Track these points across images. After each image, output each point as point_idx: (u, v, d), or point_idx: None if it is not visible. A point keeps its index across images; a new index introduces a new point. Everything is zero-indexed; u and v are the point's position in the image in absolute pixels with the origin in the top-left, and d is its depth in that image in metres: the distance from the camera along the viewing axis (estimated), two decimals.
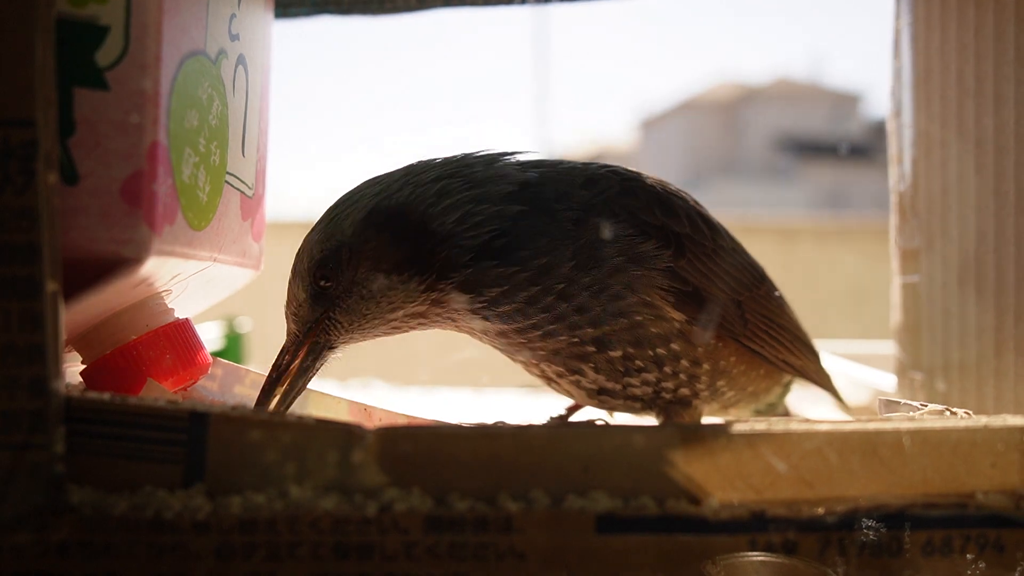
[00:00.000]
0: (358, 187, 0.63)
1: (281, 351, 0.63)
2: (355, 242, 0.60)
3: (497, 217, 0.60)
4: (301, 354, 0.62)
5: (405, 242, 0.60)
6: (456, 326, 0.64)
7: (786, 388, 0.76)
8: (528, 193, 0.61)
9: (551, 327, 0.61)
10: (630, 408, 0.67)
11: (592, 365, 0.63)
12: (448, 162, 0.63)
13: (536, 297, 0.60)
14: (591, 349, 0.62)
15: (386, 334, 0.64)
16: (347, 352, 0.64)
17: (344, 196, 0.62)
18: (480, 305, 0.60)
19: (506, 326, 0.61)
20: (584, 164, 0.65)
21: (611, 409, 0.68)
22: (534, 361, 0.64)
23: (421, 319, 0.63)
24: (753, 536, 0.46)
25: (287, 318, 0.63)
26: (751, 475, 0.47)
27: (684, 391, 0.64)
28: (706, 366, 0.64)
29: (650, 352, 0.62)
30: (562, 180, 0.62)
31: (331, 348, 0.63)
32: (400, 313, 0.61)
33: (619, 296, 0.60)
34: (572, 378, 0.64)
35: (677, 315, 0.62)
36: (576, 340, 0.62)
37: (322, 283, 0.60)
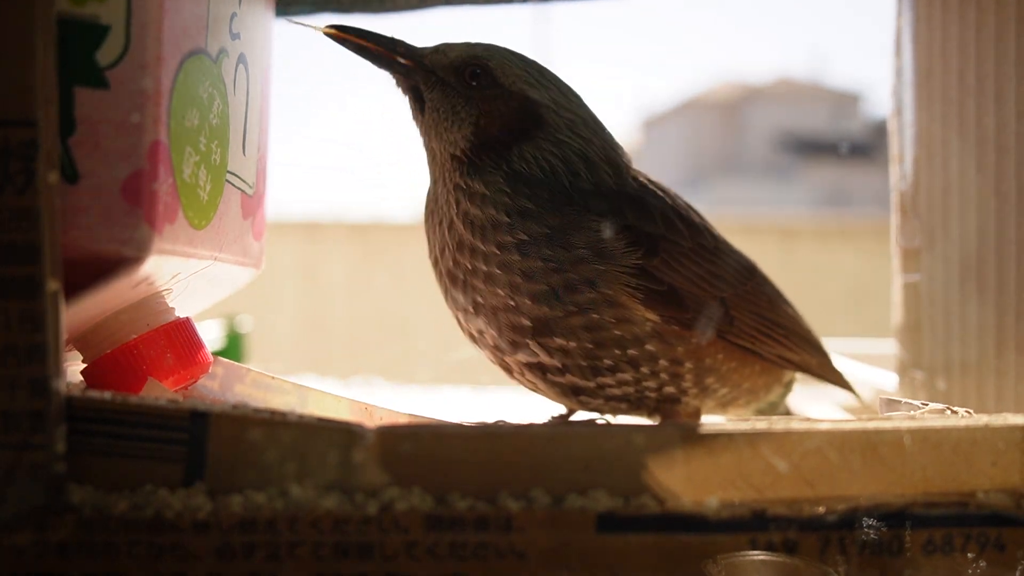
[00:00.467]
0: (556, 78, 0.67)
1: (406, 48, 0.66)
2: (503, 96, 0.64)
3: (560, 169, 0.64)
4: (410, 69, 0.66)
5: (510, 129, 0.64)
6: (438, 199, 0.67)
7: (788, 387, 0.76)
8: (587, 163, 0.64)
9: (496, 271, 0.62)
10: (616, 410, 0.66)
11: (537, 345, 0.62)
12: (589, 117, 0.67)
13: (499, 225, 0.62)
14: (526, 323, 0.62)
15: (421, 137, 0.68)
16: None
17: (545, 69, 0.67)
18: (462, 185, 0.64)
19: (465, 234, 0.63)
20: (628, 164, 0.68)
21: (596, 410, 0.68)
22: (472, 312, 0.65)
23: (433, 159, 0.67)
24: (754, 535, 0.46)
25: (431, 47, 0.66)
26: (752, 474, 0.47)
27: (669, 390, 0.64)
28: (688, 364, 0.64)
29: (618, 351, 0.62)
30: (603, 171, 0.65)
31: (414, 85, 0.66)
32: (445, 140, 0.65)
33: (575, 288, 0.61)
34: (521, 358, 0.64)
35: (650, 315, 0.62)
36: (513, 305, 0.62)
37: (467, 72, 0.64)
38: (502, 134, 0.64)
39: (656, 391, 0.64)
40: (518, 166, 0.63)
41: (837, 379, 0.75)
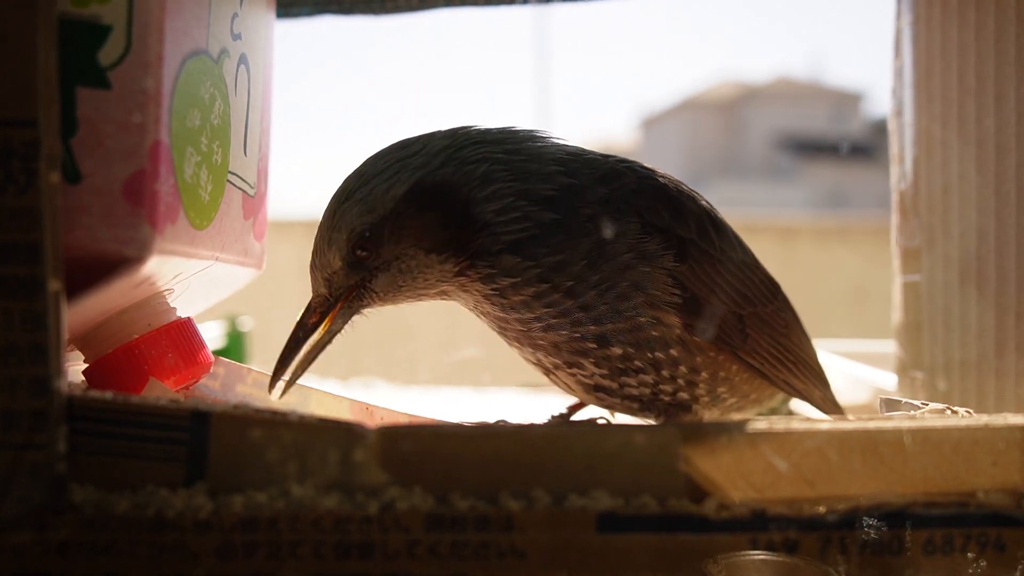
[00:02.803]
0: (390, 152, 0.62)
1: (307, 310, 0.62)
2: (397, 217, 0.59)
3: (534, 219, 0.60)
4: (331, 316, 0.62)
5: (446, 223, 0.60)
6: (471, 304, 0.64)
7: (786, 399, 0.76)
8: (563, 195, 0.61)
9: (554, 321, 0.61)
10: (627, 408, 0.66)
11: (592, 360, 0.62)
12: (488, 139, 0.62)
13: (543, 293, 0.60)
14: (592, 345, 0.62)
15: (411, 302, 0.64)
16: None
17: (377, 163, 0.61)
18: (492, 292, 0.61)
19: (510, 315, 0.61)
20: (604, 157, 0.65)
21: (609, 407, 0.68)
22: (531, 350, 0.64)
23: (445, 295, 0.63)
24: (754, 535, 0.46)
25: (315, 280, 0.62)
26: (752, 474, 0.47)
27: (683, 395, 0.64)
28: (704, 374, 0.63)
29: (648, 354, 0.62)
30: (584, 174, 0.62)
31: (359, 312, 0.63)
32: (432, 289, 0.62)
33: (625, 296, 0.60)
34: (570, 371, 0.64)
35: (675, 320, 0.61)
36: (577, 336, 0.62)
37: (359, 253, 0.60)
38: (452, 235, 0.60)
39: (671, 395, 0.64)
40: (507, 237, 0.60)
41: (831, 412, 0.73)
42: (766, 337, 0.66)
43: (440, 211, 0.60)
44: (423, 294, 0.62)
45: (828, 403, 0.73)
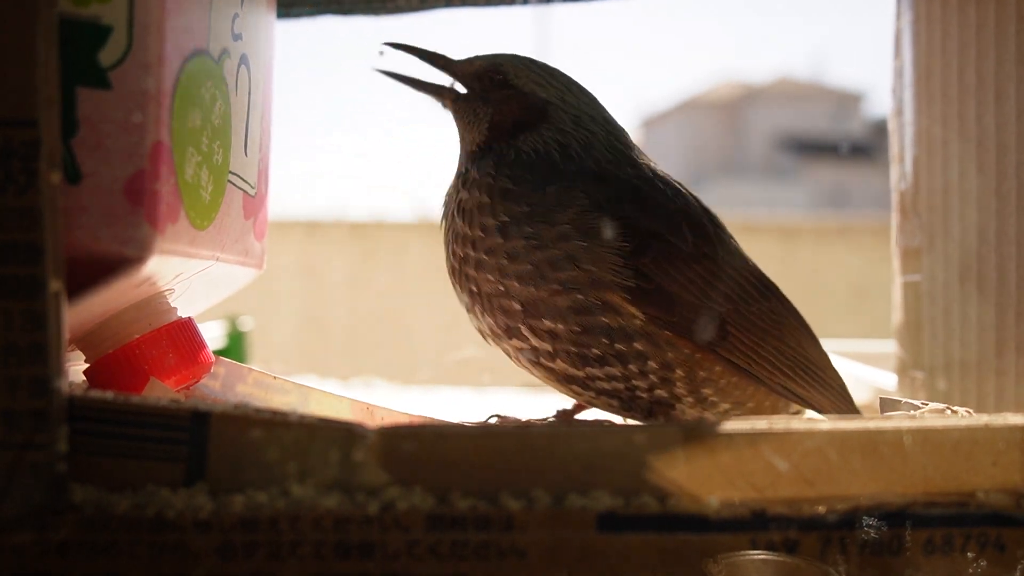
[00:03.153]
0: (568, 79, 0.71)
1: (444, 61, 0.72)
2: (517, 99, 0.69)
3: (544, 150, 0.67)
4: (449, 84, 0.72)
5: (517, 125, 0.68)
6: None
7: (798, 413, 0.75)
8: (577, 156, 0.67)
9: (483, 256, 0.64)
10: (609, 406, 0.66)
11: (528, 329, 0.63)
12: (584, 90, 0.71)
13: (483, 208, 0.64)
14: (516, 307, 0.63)
15: (458, 129, 0.73)
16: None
17: (556, 71, 0.71)
18: (463, 176, 0.68)
19: (460, 223, 0.66)
20: (631, 150, 0.69)
21: (589, 403, 0.68)
22: (468, 301, 0.67)
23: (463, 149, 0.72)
24: (754, 535, 0.46)
25: (465, 59, 0.72)
26: (752, 473, 0.47)
27: (660, 393, 0.64)
28: (680, 372, 0.63)
29: (605, 341, 0.62)
30: (603, 153, 0.67)
31: (444, 100, 0.73)
32: (468, 138, 0.71)
33: (555, 265, 0.61)
34: (510, 342, 0.65)
35: (635, 311, 0.61)
36: (502, 290, 0.63)
37: (491, 76, 0.70)
38: (510, 128, 0.68)
39: (647, 392, 0.64)
40: (512, 153, 0.67)
41: None
42: (752, 337, 0.65)
43: (527, 109, 0.69)
44: (463, 136, 0.72)
45: (841, 412, 0.70)
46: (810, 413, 0.75)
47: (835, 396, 0.71)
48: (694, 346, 0.63)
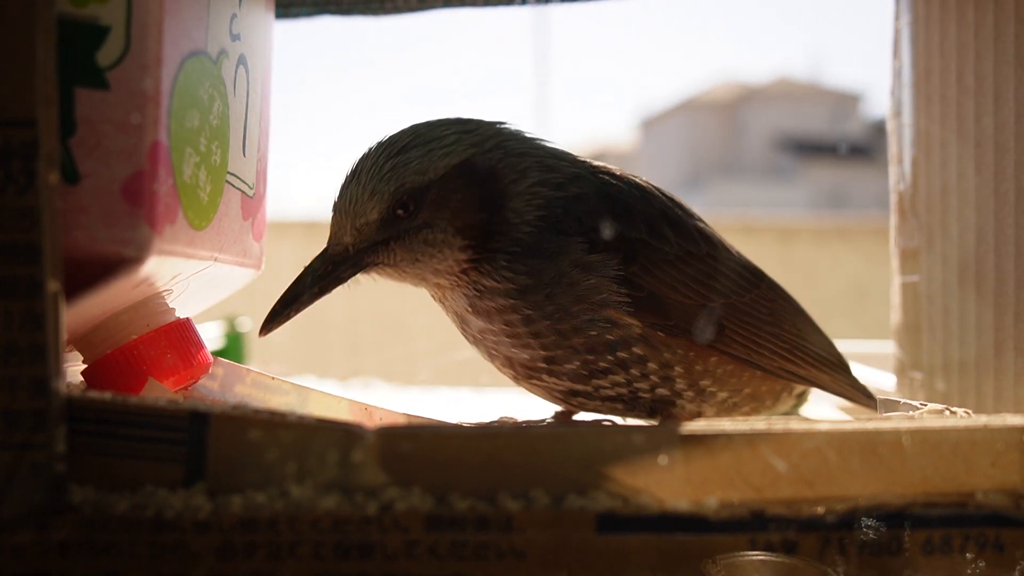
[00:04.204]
0: (447, 123, 0.62)
1: (323, 256, 0.61)
2: (444, 187, 0.59)
3: (529, 229, 0.61)
4: (346, 266, 0.61)
5: (483, 207, 0.60)
6: (439, 294, 0.64)
7: (801, 398, 0.75)
8: (558, 209, 0.61)
9: (504, 339, 0.62)
10: (612, 410, 0.66)
11: (547, 373, 0.63)
12: (530, 141, 0.64)
13: (504, 309, 0.61)
14: (542, 366, 0.63)
15: (410, 282, 0.64)
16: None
17: (435, 129, 0.61)
18: (474, 295, 0.62)
19: (474, 318, 0.63)
20: (581, 165, 0.65)
21: (594, 411, 0.68)
22: (487, 356, 0.66)
23: (438, 283, 0.63)
24: (753, 535, 0.46)
25: (338, 227, 0.61)
26: (751, 474, 0.47)
27: (662, 391, 0.64)
28: (679, 368, 0.63)
29: (610, 356, 0.62)
30: (573, 185, 0.63)
31: (369, 271, 0.62)
32: (442, 270, 0.61)
33: (572, 314, 0.61)
34: (532, 382, 0.65)
35: (633, 321, 0.61)
36: (527, 358, 0.63)
37: (398, 211, 0.59)
38: (483, 220, 0.60)
39: (649, 392, 0.64)
40: (513, 236, 0.61)
41: (853, 395, 0.73)
42: (746, 326, 0.65)
43: (480, 194, 0.60)
44: (430, 275, 0.62)
45: (845, 386, 0.72)
46: (817, 392, 0.75)
47: (837, 372, 0.72)
48: (691, 344, 0.63)
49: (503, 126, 0.64)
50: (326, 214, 0.64)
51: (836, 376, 0.72)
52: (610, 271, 0.61)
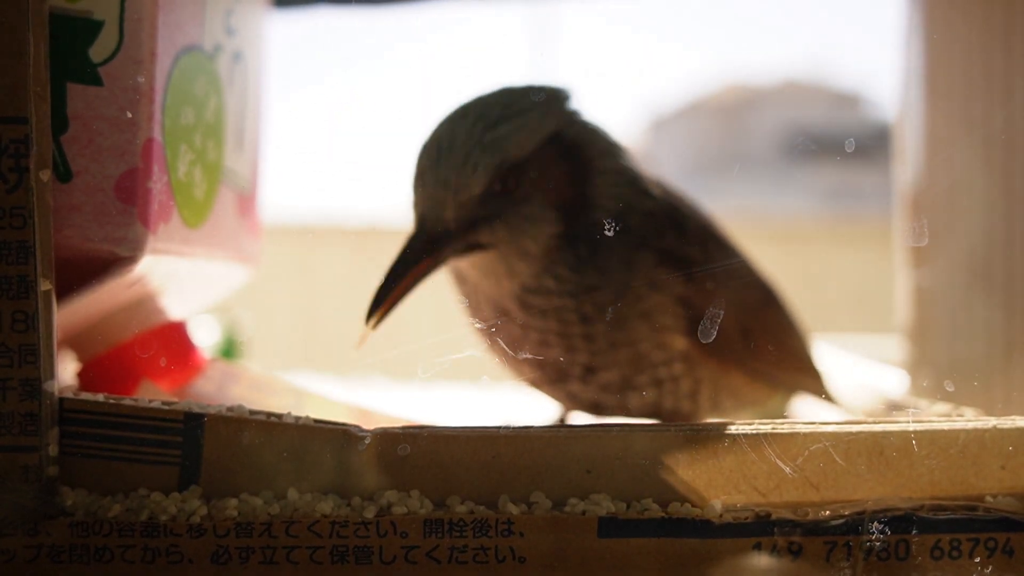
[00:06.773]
0: (529, 90, 0.56)
1: (420, 235, 0.54)
2: (542, 158, 0.54)
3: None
4: (450, 245, 0.54)
5: (572, 185, 0.56)
6: (477, 284, 0.59)
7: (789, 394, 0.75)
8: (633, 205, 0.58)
9: (554, 338, 0.58)
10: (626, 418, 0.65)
11: (582, 382, 0.61)
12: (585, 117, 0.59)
13: (561, 310, 0.57)
14: (576, 371, 0.60)
15: (487, 269, 0.57)
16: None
17: (518, 100, 0.55)
18: (534, 284, 0.57)
19: (525, 316, 0.58)
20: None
21: (603, 417, 0.67)
22: (512, 358, 0.61)
23: (507, 268, 0.57)
24: (758, 539, 0.46)
25: (438, 203, 0.54)
26: (756, 477, 0.46)
27: (684, 406, 0.63)
28: (707, 385, 0.62)
29: (650, 372, 0.60)
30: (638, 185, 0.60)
31: (472, 251, 0.55)
32: (535, 252, 0.56)
33: (630, 327, 0.58)
34: (556, 387, 0.63)
35: (685, 341, 0.59)
36: (564, 361, 0.59)
37: (498, 186, 0.53)
38: (569, 193, 0.56)
39: (672, 406, 0.63)
40: (590, 224, 0.56)
41: (830, 401, 0.71)
42: (770, 342, 0.65)
43: (569, 168, 0.56)
44: (524, 257, 0.56)
45: (824, 392, 0.70)
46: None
47: (821, 379, 0.71)
48: (721, 361, 0.62)
49: (564, 93, 0.59)
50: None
51: (820, 384, 0.71)
52: (674, 290, 0.58)
